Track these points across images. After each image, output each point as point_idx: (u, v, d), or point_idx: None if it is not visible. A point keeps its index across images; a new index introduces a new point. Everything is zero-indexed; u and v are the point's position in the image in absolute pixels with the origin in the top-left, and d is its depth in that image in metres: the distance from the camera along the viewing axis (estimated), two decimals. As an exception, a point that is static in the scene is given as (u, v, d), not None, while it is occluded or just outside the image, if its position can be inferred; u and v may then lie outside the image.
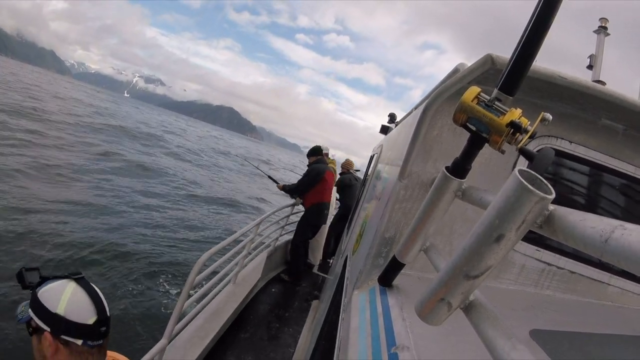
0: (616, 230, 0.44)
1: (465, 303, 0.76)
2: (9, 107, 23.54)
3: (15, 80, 51.78)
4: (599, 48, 2.52)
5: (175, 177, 19.72)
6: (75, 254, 7.97)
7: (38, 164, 13.44)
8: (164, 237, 10.74)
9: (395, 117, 5.14)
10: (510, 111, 0.85)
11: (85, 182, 13.41)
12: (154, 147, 28.78)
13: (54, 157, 15.23)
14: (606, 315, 1.79)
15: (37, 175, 12.30)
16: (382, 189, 2.33)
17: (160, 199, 14.68)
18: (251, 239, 4.93)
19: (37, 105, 28.69)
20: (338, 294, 2.40)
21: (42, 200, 10.28)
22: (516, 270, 1.86)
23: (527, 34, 0.81)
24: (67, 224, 9.30)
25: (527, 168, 0.65)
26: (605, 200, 1.90)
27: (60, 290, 1.32)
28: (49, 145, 17.21)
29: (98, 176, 14.77)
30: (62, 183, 12.44)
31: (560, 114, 1.72)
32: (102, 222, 10.30)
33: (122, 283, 7.53)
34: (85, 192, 12.27)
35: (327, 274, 5.50)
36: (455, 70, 1.54)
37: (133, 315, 6.66)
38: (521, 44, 0.82)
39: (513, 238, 0.64)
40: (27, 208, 9.48)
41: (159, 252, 9.59)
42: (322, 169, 6.58)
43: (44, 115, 25.08)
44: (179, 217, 13.19)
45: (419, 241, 1.22)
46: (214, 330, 3.99)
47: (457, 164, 1.05)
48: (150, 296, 7.45)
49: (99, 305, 1.35)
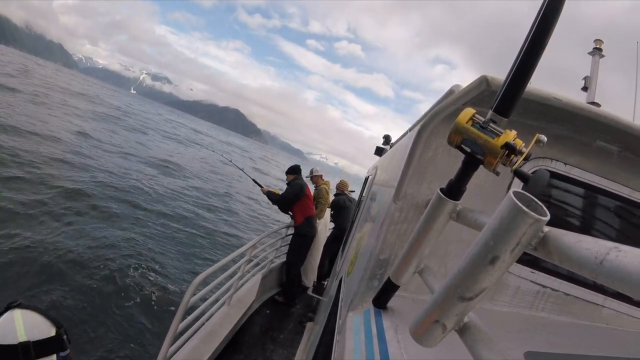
0: (611, 252, 0.44)
1: (460, 325, 0.75)
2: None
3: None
4: (594, 70, 2.55)
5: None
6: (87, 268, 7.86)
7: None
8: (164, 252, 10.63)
9: (390, 139, 5.18)
10: (505, 133, 0.86)
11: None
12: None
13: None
14: (601, 337, 1.77)
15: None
16: (377, 210, 2.33)
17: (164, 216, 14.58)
18: (246, 261, 4.91)
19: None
20: (332, 316, 2.38)
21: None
22: (511, 292, 1.85)
23: (522, 56, 0.81)
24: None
25: (522, 190, 0.65)
26: (600, 222, 1.90)
27: (10, 322, 1.29)
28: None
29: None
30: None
31: (555, 136, 1.74)
32: (98, 234, 10.20)
33: (115, 302, 7.39)
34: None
35: (321, 295, 5.46)
36: (450, 92, 1.55)
37: (127, 336, 6.54)
38: (516, 66, 0.83)
39: (508, 260, 0.63)
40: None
41: (152, 268, 9.48)
42: (303, 183, 6.83)
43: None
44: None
45: (413, 263, 1.21)
46: (209, 352, 3.93)
47: (452, 186, 1.05)
48: (144, 317, 7.33)
49: (51, 317, 1.37)
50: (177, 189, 18.83)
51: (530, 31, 0.81)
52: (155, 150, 29.35)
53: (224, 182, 27.64)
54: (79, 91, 56.91)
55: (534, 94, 1.40)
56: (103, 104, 52.70)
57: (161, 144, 36.87)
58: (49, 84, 46.80)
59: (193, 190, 20.19)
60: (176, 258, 10.90)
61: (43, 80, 50.46)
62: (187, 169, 26.49)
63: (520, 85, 0.84)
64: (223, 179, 28.78)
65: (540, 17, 0.80)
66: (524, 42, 0.82)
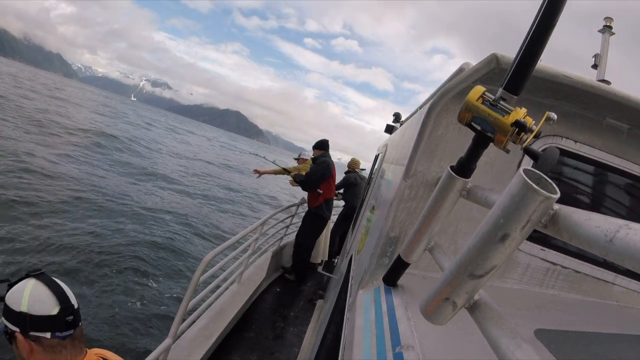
0: (621, 230, 0.44)
1: (470, 302, 0.76)
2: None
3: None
4: (604, 47, 2.50)
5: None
6: (82, 257, 8.02)
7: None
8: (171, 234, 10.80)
9: (400, 117, 5.12)
10: (515, 110, 0.85)
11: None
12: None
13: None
14: (611, 314, 1.78)
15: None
16: (387, 188, 2.33)
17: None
18: (256, 239, 4.94)
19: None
20: (343, 294, 2.40)
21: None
22: (521, 269, 1.86)
23: (532, 34, 0.80)
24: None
25: (532, 167, 0.65)
26: (610, 199, 1.89)
27: (22, 289, 1.35)
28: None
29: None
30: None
31: (565, 114, 1.72)
32: (102, 222, 10.37)
33: (125, 283, 7.55)
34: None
35: (331, 273, 5.50)
36: (460, 70, 1.53)
37: (137, 314, 6.70)
38: (526, 44, 0.81)
39: (518, 237, 0.64)
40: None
41: (162, 248, 9.63)
42: (331, 161, 6.31)
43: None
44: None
45: (423, 240, 1.22)
46: (219, 330, 4.00)
47: (462, 164, 1.05)
48: (154, 295, 7.48)
49: (61, 296, 1.37)
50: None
51: (540, 8, 0.79)
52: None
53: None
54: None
55: (544, 71, 1.38)
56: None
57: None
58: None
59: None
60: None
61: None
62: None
63: (530, 63, 0.82)
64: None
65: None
66: (534, 19, 0.80)
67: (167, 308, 7.14)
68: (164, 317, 6.75)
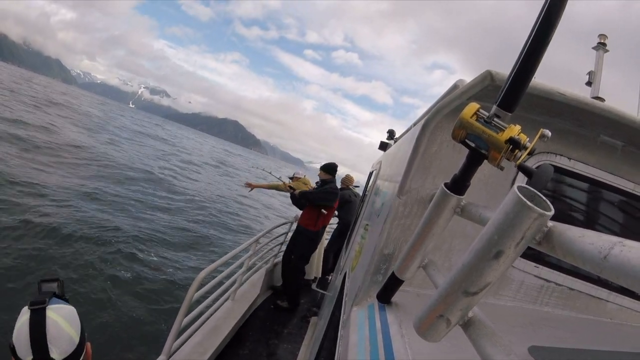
0: (615, 247, 0.44)
1: (464, 319, 0.76)
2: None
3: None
4: (598, 64, 2.54)
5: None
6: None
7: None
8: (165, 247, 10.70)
9: (394, 134, 5.15)
10: (509, 127, 0.85)
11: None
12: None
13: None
14: (605, 331, 1.77)
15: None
16: (381, 205, 2.32)
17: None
18: (250, 256, 4.93)
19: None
20: (337, 311, 2.38)
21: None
22: (515, 286, 1.85)
23: (526, 50, 0.81)
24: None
25: (526, 184, 0.65)
26: (604, 217, 1.90)
27: (18, 319, 1.28)
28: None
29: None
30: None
31: (559, 131, 1.73)
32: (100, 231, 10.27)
33: (120, 298, 7.45)
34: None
35: (325, 290, 5.45)
36: (454, 86, 1.55)
37: (132, 331, 6.59)
38: (520, 60, 0.82)
39: (512, 254, 0.64)
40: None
41: (159, 264, 9.53)
42: (337, 192, 6.16)
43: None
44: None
45: (417, 257, 1.21)
46: (213, 347, 3.95)
47: (456, 180, 1.05)
48: (148, 311, 7.37)
49: (37, 345, 1.25)
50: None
51: (534, 25, 0.80)
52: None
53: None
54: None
55: (538, 88, 1.40)
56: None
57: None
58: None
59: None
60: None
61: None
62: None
63: (524, 80, 0.83)
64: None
65: (545, 10, 0.79)
66: (528, 36, 0.81)
67: (161, 325, 7.03)
68: (158, 334, 6.65)
